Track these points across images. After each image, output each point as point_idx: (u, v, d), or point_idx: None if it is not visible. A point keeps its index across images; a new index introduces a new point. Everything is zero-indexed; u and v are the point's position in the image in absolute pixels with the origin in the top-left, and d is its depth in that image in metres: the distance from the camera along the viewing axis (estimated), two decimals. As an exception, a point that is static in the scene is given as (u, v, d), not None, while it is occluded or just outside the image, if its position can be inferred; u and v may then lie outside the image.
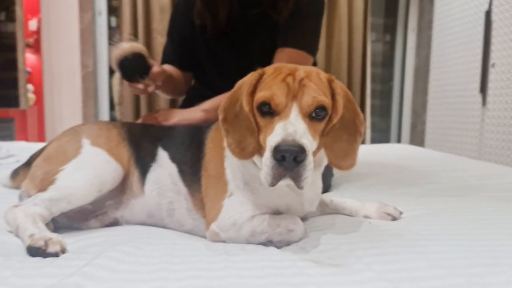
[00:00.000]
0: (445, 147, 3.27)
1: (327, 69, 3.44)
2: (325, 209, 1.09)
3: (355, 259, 0.74)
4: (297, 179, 0.75)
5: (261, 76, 0.86)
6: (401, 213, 1.06)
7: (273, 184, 0.76)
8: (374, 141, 3.76)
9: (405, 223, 0.99)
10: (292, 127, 0.76)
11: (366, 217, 1.04)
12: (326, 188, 1.43)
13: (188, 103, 1.55)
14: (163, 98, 3.24)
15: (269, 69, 0.87)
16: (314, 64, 1.34)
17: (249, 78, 0.87)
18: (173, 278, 0.65)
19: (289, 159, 0.72)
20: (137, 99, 3.33)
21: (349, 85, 3.46)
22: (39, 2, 3.16)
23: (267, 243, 0.88)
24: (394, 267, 0.71)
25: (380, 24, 3.92)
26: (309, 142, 0.76)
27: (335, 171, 1.55)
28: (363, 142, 3.56)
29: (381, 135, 3.97)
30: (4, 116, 2.93)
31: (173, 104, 3.22)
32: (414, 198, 1.26)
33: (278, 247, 0.86)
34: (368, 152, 2.27)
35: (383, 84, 3.98)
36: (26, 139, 2.88)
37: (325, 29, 3.38)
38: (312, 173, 0.76)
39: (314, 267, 0.71)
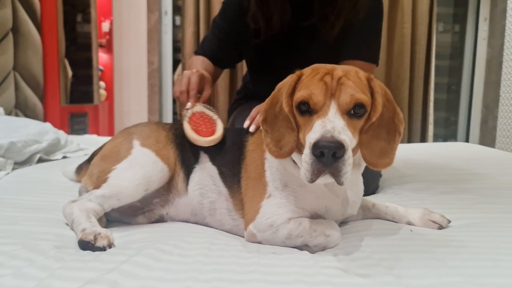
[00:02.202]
0: (519, 146, 3.00)
1: (388, 63, 3.29)
2: (366, 213, 1.07)
3: (385, 270, 0.73)
4: (337, 175, 0.75)
5: (299, 78, 0.87)
6: (449, 221, 1.01)
7: (312, 180, 0.77)
8: (438, 138, 3.55)
9: (452, 233, 0.94)
10: (330, 124, 0.77)
11: (409, 223, 1.01)
12: (374, 189, 1.40)
13: (236, 105, 1.66)
14: (221, 93, 3.34)
15: (307, 70, 0.88)
16: None
17: (288, 80, 0.89)
18: (201, 278, 0.69)
19: (328, 155, 0.73)
20: (197, 95, 3.46)
21: (411, 79, 3.29)
22: (111, 4, 3.39)
23: (303, 247, 0.89)
24: (426, 282, 0.69)
25: (449, 14, 3.68)
26: (348, 138, 0.77)
27: (384, 172, 1.51)
28: (423, 140, 3.38)
29: (448, 131, 3.74)
30: (79, 111, 3.20)
31: (231, 97, 3.30)
32: (468, 205, 1.17)
33: (314, 252, 0.86)
34: (427, 151, 2.14)
35: (451, 77, 3.73)
36: (97, 132, 3.12)
37: (386, 22, 3.23)
38: (351, 169, 0.76)
39: (341, 276, 0.70)
